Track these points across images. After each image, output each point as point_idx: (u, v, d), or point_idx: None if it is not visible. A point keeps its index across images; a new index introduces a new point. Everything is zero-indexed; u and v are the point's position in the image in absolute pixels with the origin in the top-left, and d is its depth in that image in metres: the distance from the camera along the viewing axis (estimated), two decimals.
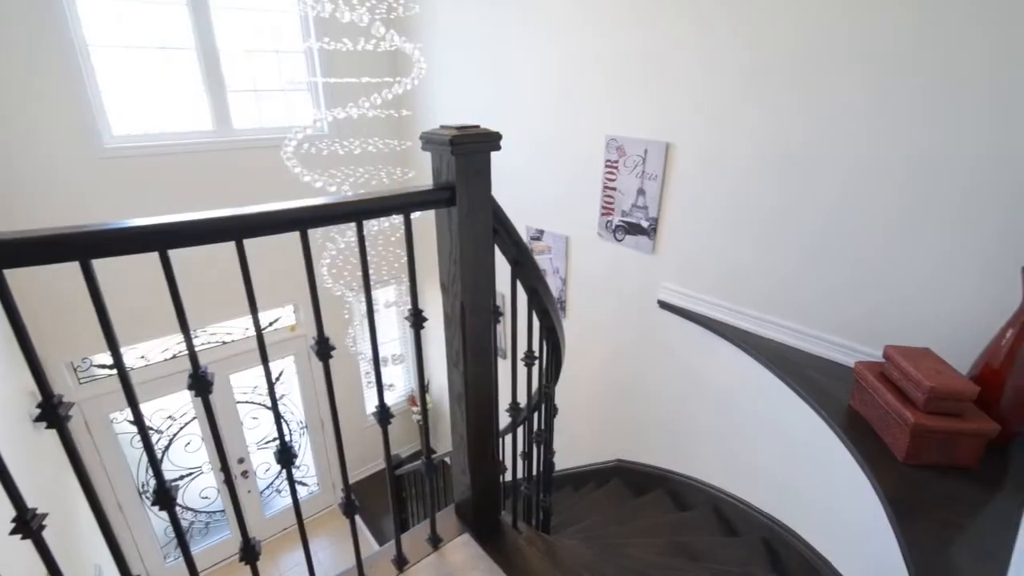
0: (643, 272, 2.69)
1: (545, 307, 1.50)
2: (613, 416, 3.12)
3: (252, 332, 4.32)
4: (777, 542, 2.13)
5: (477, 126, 1.11)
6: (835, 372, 1.95)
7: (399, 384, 5.71)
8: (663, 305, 2.58)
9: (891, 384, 1.53)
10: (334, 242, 3.11)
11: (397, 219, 3.41)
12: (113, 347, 0.84)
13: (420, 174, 4.20)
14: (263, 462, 4.79)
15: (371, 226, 3.05)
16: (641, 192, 2.56)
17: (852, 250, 1.88)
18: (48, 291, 3.18)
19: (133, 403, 0.88)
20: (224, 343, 4.26)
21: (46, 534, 0.82)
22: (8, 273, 0.73)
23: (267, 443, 4.78)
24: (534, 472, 1.78)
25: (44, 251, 0.76)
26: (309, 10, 2.36)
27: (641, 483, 2.93)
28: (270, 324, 4.53)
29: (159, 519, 4.27)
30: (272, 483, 4.95)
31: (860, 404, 1.65)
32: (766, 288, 2.19)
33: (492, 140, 1.11)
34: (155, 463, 0.96)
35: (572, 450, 3.36)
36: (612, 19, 2.52)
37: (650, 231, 2.57)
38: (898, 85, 1.65)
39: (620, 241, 2.75)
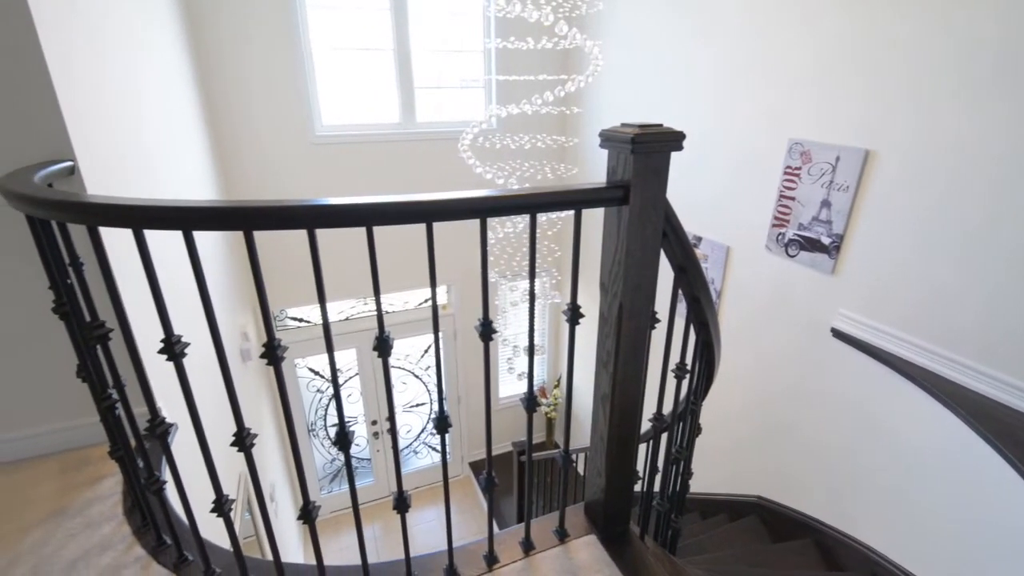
0: (817, 295, 2.41)
1: (705, 319, 1.42)
2: (758, 446, 2.86)
3: (410, 305, 4.79)
4: None
5: (660, 125, 1.08)
6: None
7: (534, 374, 5.86)
8: (838, 334, 2.29)
9: None
10: (494, 231, 3.28)
11: (555, 214, 3.50)
12: (322, 301, 0.99)
13: (582, 171, 4.22)
14: (405, 423, 5.27)
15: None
16: (826, 204, 2.29)
17: None
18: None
19: (331, 352, 1.04)
20: (387, 312, 4.75)
21: None
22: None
23: (411, 407, 5.24)
24: (668, 489, 1.71)
25: (281, 219, 0.92)
26: (495, 11, 2.49)
27: (783, 527, 2.65)
28: (424, 301, 4.94)
29: (320, 455, 4.94)
30: (411, 444, 5.42)
31: None
32: (979, 330, 1.82)
33: (674, 140, 1.07)
34: (340, 408, 1.11)
35: (704, 471, 3.16)
36: (804, 11, 2.27)
37: (831, 249, 2.29)
38: None
39: (792, 257, 2.49)
